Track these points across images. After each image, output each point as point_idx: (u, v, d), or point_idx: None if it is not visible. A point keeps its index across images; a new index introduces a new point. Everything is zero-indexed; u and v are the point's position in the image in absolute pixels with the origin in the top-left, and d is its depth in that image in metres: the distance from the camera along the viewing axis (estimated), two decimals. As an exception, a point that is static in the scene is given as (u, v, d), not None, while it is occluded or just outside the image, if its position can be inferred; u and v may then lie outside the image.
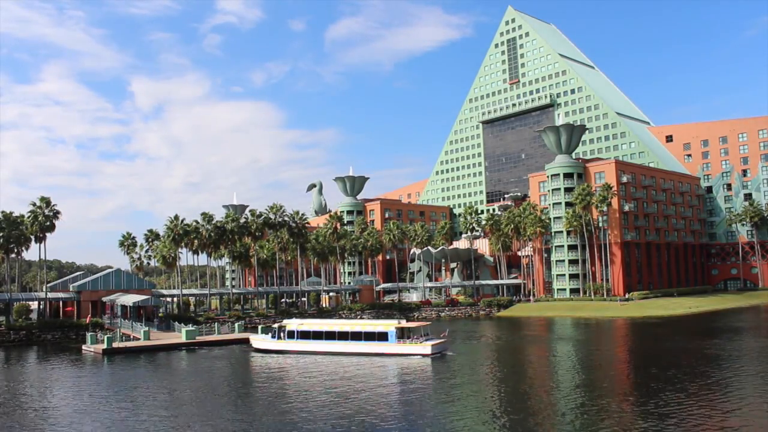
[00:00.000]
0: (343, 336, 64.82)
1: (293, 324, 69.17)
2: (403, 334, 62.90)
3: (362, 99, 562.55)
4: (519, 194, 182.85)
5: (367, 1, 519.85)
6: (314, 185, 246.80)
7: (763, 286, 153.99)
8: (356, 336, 64.07)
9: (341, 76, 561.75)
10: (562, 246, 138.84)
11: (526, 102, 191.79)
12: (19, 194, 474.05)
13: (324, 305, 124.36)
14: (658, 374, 47.99)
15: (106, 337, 71.68)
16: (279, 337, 68.32)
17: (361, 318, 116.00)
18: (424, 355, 60.05)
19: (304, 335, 67.00)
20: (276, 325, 70.54)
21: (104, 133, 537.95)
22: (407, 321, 71.17)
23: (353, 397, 41.90)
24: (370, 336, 63.45)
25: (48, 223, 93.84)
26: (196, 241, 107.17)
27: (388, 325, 64.01)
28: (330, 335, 65.57)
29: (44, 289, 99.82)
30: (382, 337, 62.74)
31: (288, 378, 53.14)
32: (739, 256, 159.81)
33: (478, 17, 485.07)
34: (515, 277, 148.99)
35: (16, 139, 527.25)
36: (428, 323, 70.03)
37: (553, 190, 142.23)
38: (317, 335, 66.25)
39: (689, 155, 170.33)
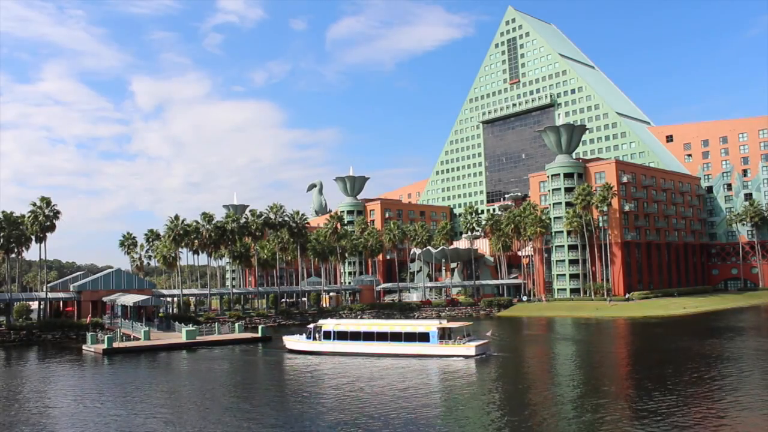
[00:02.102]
0: (382, 337, 62.42)
1: (329, 324, 66.68)
2: (444, 334, 60.83)
3: (363, 99, 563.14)
4: (519, 194, 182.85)
5: (369, 0, 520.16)
6: (314, 185, 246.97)
7: (763, 286, 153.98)
8: (396, 337, 61.74)
9: (342, 75, 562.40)
10: (563, 246, 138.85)
11: (526, 102, 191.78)
12: (19, 194, 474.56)
13: (324, 305, 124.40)
14: (668, 374, 48.06)
15: (106, 337, 71.66)
16: (314, 338, 65.76)
17: (361, 318, 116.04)
18: (467, 357, 57.95)
19: (341, 336, 64.58)
20: (311, 326, 67.83)
21: (104, 133, 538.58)
22: (448, 321, 68.50)
23: (397, 404, 39.31)
24: (410, 337, 61.18)
25: (48, 223, 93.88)
26: (196, 241, 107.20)
27: (430, 326, 61.88)
28: (368, 336, 63.18)
29: (44, 289, 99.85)
30: (424, 337, 60.55)
31: (324, 381, 50.74)
32: (739, 256, 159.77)
33: (480, 16, 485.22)
34: (515, 277, 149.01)
35: (17, 139, 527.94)
36: (470, 323, 67.35)
37: (553, 190, 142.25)
38: (355, 336, 63.91)
39: (689, 155, 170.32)
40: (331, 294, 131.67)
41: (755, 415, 35.15)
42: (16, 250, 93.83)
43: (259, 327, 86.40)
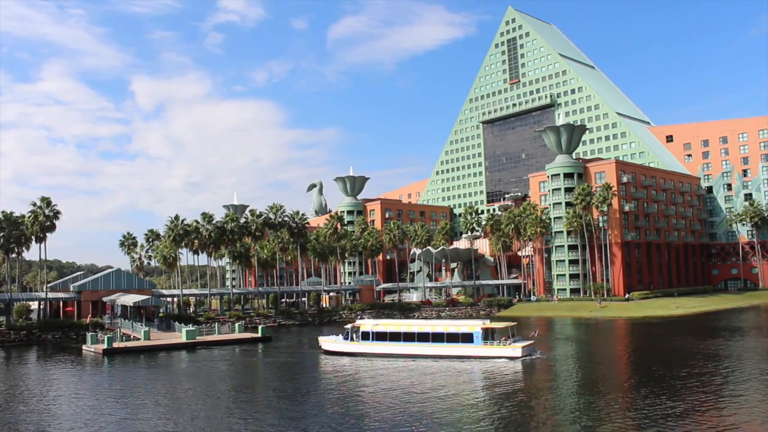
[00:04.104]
0: (423, 337, 60.70)
1: (368, 324, 64.92)
2: (488, 335, 59.01)
3: (364, 98, 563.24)
4: (519, 194, 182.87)
5: None
6: (314, 185, 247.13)
7: (763, 286, 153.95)
8: (438, 337, 60.06)
9: (343, 75, 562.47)
10: (563, 246, 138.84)
11: (526, 102, 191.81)
12: (19, 194, 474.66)
13: (324, 305, 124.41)
14: (672, 374, 48.06)
15: (106, 337, 71.65)
16: (352, 339, 63.98)
17: (362, 318, 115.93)
18: (512, 358, 56.25)
19: (380, 336, 62.70)
20: (349, 326, 65.97)
21: (105, 133, 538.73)
22: (491, 321, 66.09)
23: (444, 410, 37.72)
24: (453, 337, 59.47)
25: (48, 223, 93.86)
26: (196, 241, 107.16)
27: (473, 326, 60.00)
28: (409, 336, 61.35)
29: (44, 289, 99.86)
30: (467, 338, 58.85)
31: (364, 384, 48.64)
32: (739, 256, 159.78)
33: (481, 15, 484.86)
34: (515, 277, 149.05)
35: (17, 139, 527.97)
36: (515, 323, 64.83)
37: (553, 190, 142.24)
38: (394, 336, 62.03)
39: (689, 155, 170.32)
40: (331, 294, 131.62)
41: (755, 413, 35.20)
42: (16, 250, 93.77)
43: (259, 327, 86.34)
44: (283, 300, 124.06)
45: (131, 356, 67.26)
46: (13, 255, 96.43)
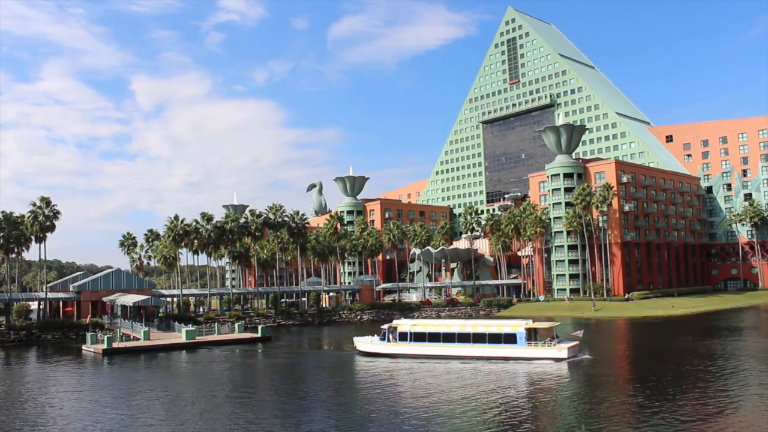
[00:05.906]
0: (463, 338, 58.96)
1: (405, 325, 63.02)
2: (530, 335, 57.34)
3: (364, 98, 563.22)
4: (519, 194, 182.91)
5: None
6: (314, 185, 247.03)
7: (763, 286, 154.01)
8: (479, 338, 58.27)
9: (344, 74, 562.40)
10: (562, 246, 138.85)
11: (526, 102, 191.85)
12: (19, 194, 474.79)
13: (324, 305, 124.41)
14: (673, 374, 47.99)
15: (106, 337, 71.63)
16: (388, 340, 62.17)
17: (361, 319, 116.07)
18: (557, 360, 54.45)
19: (419, 337, 60.90)
20: (386, 326, 63.91)
21: (104, 133, 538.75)
22: (533, 321, 63.60)
23: (493, 418, 35.63)
24: (495, 338, 57.69)
25: (48, 223, 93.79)
26: (196, 241, 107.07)
27: (516, 326, 58.01)
28: (448, 337, 59.64)
29: (44, 289, 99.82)
30: (510, 339, 57.01)
31: (403, 387, 46.84)
32: (739, 256, 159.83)
33: (482, 15, 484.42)
34: (515, 277, 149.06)
35: (16, 139, 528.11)
36: (557, 323, 63.14)
37: (553, 190, 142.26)
38: (433, 337, 60.32)
39: (689, 155, 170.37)
40: (330, 294, 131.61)
41: (755, 413, 35.19)
42: (15, 250, 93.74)
43: (259, 327, 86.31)
44: (282, 300, 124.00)
45: (131, 356, 67.23)
46: (13, 255, 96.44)
